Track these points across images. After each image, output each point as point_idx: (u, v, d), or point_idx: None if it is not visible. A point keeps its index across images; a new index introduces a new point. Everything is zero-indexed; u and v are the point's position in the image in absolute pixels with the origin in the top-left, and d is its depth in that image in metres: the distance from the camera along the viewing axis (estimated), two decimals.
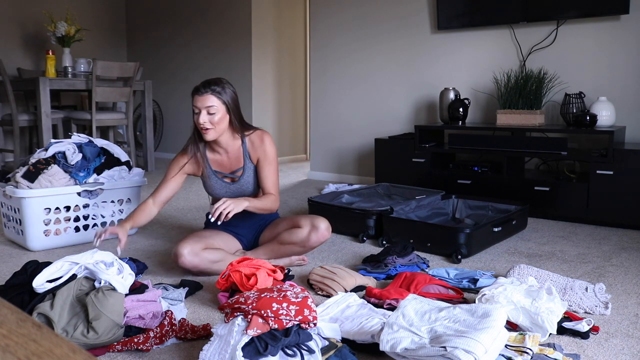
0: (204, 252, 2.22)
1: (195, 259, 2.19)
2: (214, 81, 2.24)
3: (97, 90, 4.68)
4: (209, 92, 2.20)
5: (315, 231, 2.31)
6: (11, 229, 2.78)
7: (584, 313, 1.88)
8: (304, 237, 2.32)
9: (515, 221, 2.85)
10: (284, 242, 2.35)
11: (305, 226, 2.32)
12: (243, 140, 2.35)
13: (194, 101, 2.21)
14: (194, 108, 2.22)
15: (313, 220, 2.34)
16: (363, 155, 4.69)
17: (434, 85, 4.22)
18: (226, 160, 2.37)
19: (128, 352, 1.58)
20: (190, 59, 6.27)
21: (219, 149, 2.36)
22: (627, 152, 3.05)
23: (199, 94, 2.20)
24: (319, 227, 2.31)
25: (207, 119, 2.21)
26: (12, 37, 5.79)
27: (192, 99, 2.23)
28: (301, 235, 2.32)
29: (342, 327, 1.66)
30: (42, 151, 2.77)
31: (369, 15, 4.56)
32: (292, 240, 2.34)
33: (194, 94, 2.22)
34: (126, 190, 2.91)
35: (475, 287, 2.08)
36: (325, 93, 4.91)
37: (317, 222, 2.32)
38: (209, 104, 2.20)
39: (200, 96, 2.20)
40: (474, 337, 1.33)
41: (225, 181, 2.38)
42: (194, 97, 2.22)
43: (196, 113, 2.22)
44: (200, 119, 2.20)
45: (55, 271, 1.66)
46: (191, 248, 2.19)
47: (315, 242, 2.34)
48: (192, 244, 2.21)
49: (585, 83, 3.56)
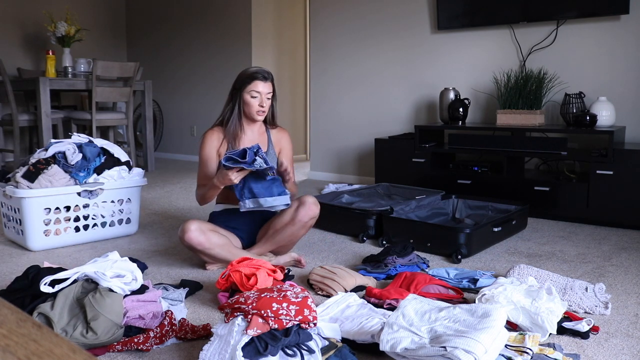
0: (211, 233, 2.28)
1: (202, 236, 2.24)
2: (269, 71, 2.46)
3: (97, 90, 4.68)
4: (270, 80, 2.43)
5: (302, 206, 2.38)
6: (11, 229, 2.78)
7: (584, 313, 1.88)
8: (292, 213, 2.38)
9: (515, 221, 2.85)
10: (275, 226, 2.40)
11: (293, 204, 2.39)
12: (267, 128, 2.57)
13: (256, 86, 2.38)
14: (253, 92, 2.39)
15: (301, 198, 2.43)
16: (363, 155, 4.69)
17: (434, 85, 4.22)
18: (249, 143, 2.47)
19: (128, 352, 1.58)
20: (190, 59, 6.27)
21: (249, 132, 2.50)
22: (627, 152, 3.05)
23: (264, 80, 2.40)
24: (305, 201, 2.39)
25: (266, 104, 2.43)
26: (12, 37, 5.79)
27: (250, 83, 2.38)
28: (289, 212, 2.38)
29: (342, 327, 1.67)
30: (42, 151, 2.77)
31: (369, 16, 4.56)
32: (282, 221, 2.39)
33: (255, 79, 2.38)
34: (126, 190, 2.91)
35: (475, 287, 2.08)
36: (325, 93, 4.91)
37: (304, 198, 2.41)
38: (269, 90, 2.43)
39: (264, 82, 2.40)
40: (474, 337, 1.33)
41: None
42: (256, 82, 2.38)
43: (254, 97, 2.40)
44: (263, 102, 2.41)
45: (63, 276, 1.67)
46: (199, 225, 2.26)
47: (305, 216, 2.37)
48: (199, 223, 2.28)
49: (585, 83, 3.56)
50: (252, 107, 2.41)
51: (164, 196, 4.11)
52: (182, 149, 6.44)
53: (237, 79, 2.45)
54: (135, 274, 1.73)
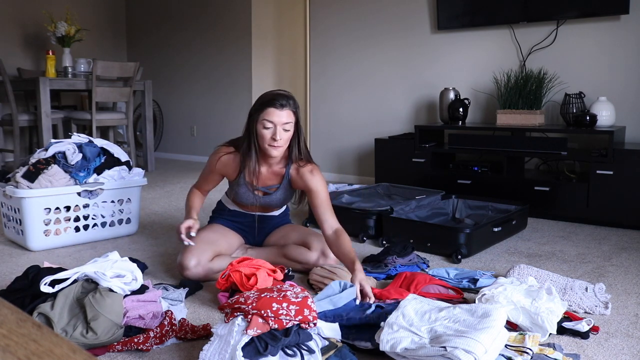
0: (210, 264, 2.17)
1: (201, 272, 2.15)
2: (289, 95, 2.05)
3: (97, 90, 4.68)
4: (288, 107, 2.02)
5: (323, 258, 2.27)
6: (11, 229, 2.78)
7: (584, 313, 1.88)
8: (312, 262, 2.26)
9: (515, 221, 2.85)
10: (289, 257, 2.30)
11: (315, 251, 2.26)
12: (288, 164, 2.19)
13: (268, 114, 2.00)
14: (265, 122, 2.01)
15: (324, 248, 2.25)
16: (363, 155, 4.69)
17: (434, 85, 4.22)
18: (264, 175, 2.22)
19: (128, 352, 1.58)
20: (190, 59, 6.27)
21: (264, 167, 2.20)
22: (627, 152, 3.05)
23: (279, 108, 2.00)
24: (328, 256, 2.25)
25: (283, 137, 2.04)
26: (12, 37, 5.79)
27: (263, 110, 2.02)
28: (309, 259, 2.27)
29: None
30: (42, 151, 2.77)
31: (369, 16, 4.56)
32: (298, 259, 2.28)
33: (269, 106, 2.01)
34: (126, 190, 2.91)
35: (475, 287, 2.08)
36: (325, 93, 4.91)
37: (327, 251, 2.24)
38: (287, 120, 2.02)
39: (279, 110, 2.00)
40: (474, 337, 1.33)
41: (256, 193, 2.27)
42: (269, 109, 2.00)
43: (267, 128, 2.02)
44: (277, 136, 2.02)
45: (63, 276, 1.67)
46: (197, 260, 2.13)
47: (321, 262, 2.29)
48: (198, 255, 2.14)
49: (585, 83, 3.56)
50: (264, 139, 2.04)
51: (164, 196, 4.11)
52: (182, 149, 6.44)
53: (254, 104, 2.10)
54: (135, 274, 1.73)
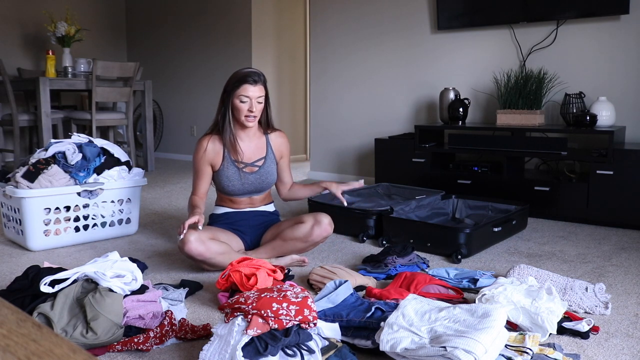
0: (210, 242, 2.23)
1: (202, 246, 2.20)
2: (260, 72, 2.34)
3: (97, 90, 4.68)
4: (260, 82, 2.31)
5: (318, 225, 2.35)
6: (11, 229, 2.78)
7: (584, 313, 1.88)
8: (306, 232, 2.35)
9: (515, 221, 2.85)
10: (286, 238, 2.37)
11: (308, 221, 2.37)
12: (266, 133, 2.48)
13: (244, 90, 2.28)
14: (242, 97, 2.29)
15: (316, 216, 2.39)
16: (363, 155, 4.69)
17: (434, 85, 4.22)
18: (247, 150, 2.42)
19: (128, 352, 1.58)
20: (190, 59, 6.27)
21: (246, 138, 2.42)
22: (627, 152, 3.05)
23: (252, 84, 2.29)
24: (321, 221, 2.36)
25: (257, 108, 2.32)
26: (12, 37, 5.79)
27: (239, 87, 2.29)
28: (304, 230, 2.35)
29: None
30: (42, 151, 2.77)
31: (369, 16, 4.56)
32: (294, 236, 2.36)
33: (244, 82, 2.28)
34: (126, 190, 2.91)
35: (475, 287, 2.08)
36: (325, 93, 4.91)
37: (319, 217, 2.38)
38: (260, 94, 2.31)
39: (253, 86, 2.29)
40: (474, 337, 1.33)
41: (245, 171, 2.41)
42: (245, 86, 2.28)
43: (244, 102, 2.30)
44: (253, 107, 2.30)
45: (63, 276, 1.67)
46: (198, 235, 2.20)
47: (318, 237, 2.37)
48: (198, 232, 2.22)
49: (585, 83, 3.56)
50: (241, 112, 2.32)
51: (164, 196, 4.11)
52: (182, 149, 6.44)
53: (227, 82, 2.37)
54: (135, 274, 1.73)
